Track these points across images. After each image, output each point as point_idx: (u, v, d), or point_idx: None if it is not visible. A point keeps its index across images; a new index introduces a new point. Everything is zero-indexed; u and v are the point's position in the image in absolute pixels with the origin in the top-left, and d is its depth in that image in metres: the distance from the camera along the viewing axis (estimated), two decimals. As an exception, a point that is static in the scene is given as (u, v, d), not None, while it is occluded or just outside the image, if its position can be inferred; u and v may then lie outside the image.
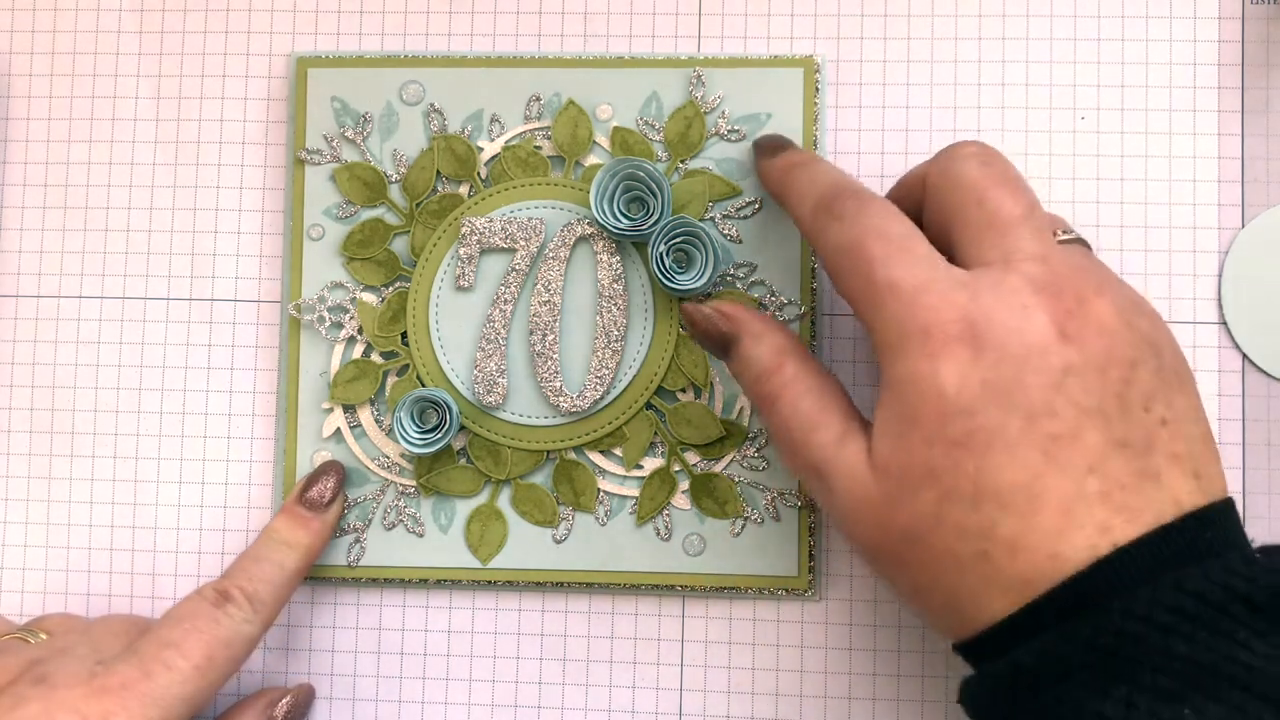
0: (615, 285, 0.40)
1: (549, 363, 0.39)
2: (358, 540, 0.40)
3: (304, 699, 0.39)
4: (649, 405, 0.40)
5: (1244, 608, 0.26)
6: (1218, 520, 0.29)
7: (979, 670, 0.30)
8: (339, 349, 0.41)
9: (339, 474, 0.39)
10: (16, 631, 0.37)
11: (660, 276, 0.39)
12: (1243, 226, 0.40)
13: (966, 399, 0.29)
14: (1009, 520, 0.28)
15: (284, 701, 0.38)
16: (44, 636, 0.37)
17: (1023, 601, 0.28)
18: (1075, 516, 0.28)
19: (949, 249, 0.32)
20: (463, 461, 0.40)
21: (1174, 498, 0.28)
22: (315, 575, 0.40)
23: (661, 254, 0.39)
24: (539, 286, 0.40)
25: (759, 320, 0.35)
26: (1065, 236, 0.32)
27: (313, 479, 0.39)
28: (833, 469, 0.32)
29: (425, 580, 0.40)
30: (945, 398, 0.29)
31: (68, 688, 0.33)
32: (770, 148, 0.38)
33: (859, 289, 0.31)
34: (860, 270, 0.31)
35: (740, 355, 0.35)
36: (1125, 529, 0.28)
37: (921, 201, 0.34)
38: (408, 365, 0.40)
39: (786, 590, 0.39)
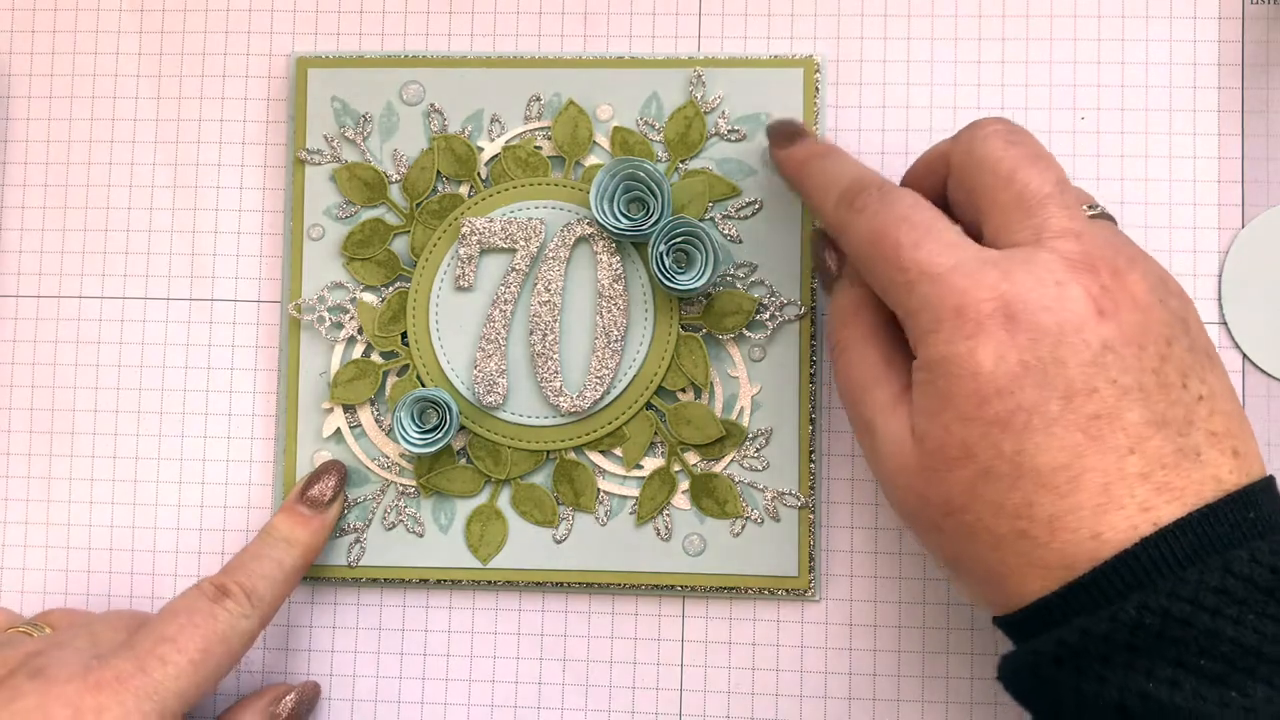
0: (615, 285, 0.40)
1: (549, 363, 0.39)
2: (358, 540, 0.40)
3: (308, 697, 0.39)
4: (649, 405, 0.40)
5: None
6: (1260, 500, 0.28)
7: (1019, 647, 0.30)
8: (339, 349, 0.41)
9: (340, 473, 0.39)
10: (22, 625, 0.37)
11: (660, 276, 0.39)
12: (1243, 226, 0.40)
13: (1003, 379, 0.28)
14: (1048, 500, 0.28)
15: (288, 699, 0.38)
16: (48, 630, 0.37)
17: (1064, 581, 0.28)
18: (1116, 496, 0.27)
19: (977, 229, 0.32)
20: (463, 461, 0.40)
21: (1215, 476, 0.28)
22: (315, 575, 0.40)
23: (661, 254, 0.39)
24: (539, 286, 0.40)
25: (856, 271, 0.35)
26: (1093, 212, 0.32)
27: (314, 478, 0.39)
28: (881, 430, 0.32)
29: (425, 580, 0.40)
30: (981, 377, 0.29)
31: (64, 682, 0.33)
32: (785, 135, 0.37)
33: (889, 276, 0.31)
34: (888, 257, 0.31)
35: (834, 293, 0.35)
36: (1167, 509, 0.27)
37: (944, 180, 0.33)
38: (408, 365, 0.40)
39: (786, 590, 0.39)
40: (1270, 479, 0.29)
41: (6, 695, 0.32)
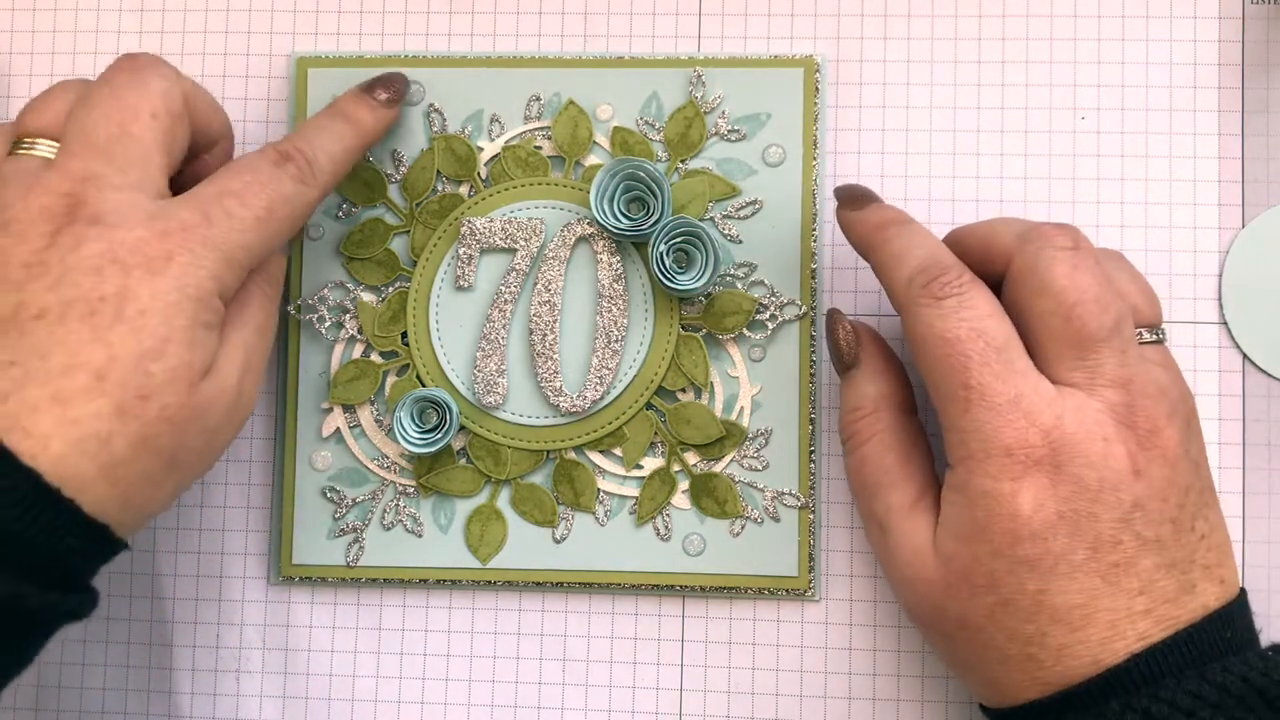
0: (615, 285, 0.40)
1: (549, 363, 0.39)
2: (357, 540, 0.40)
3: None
4: (649, 405, 0.40)
5: (1259, 700, 0.29)
6: (1236, 618, 0.31)
7: None
8: (339, 349, 0.41)
9: (401, 81, 0.39)
10: (10, 140, 0.34)
11: (660, 276, 0.39)
12: (1243, 226, 0.40)
13: (1040, 524, 0.30)
14: (1060, 633, 0.30)
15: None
16: (46, 144, 0.34)
17: (1056, 691, 0.30)
18: (1121, 630, 0.30)
19: (1027, 341, 0.32)
20: (463, 461, 0.40)
21: (1204, 604, 0.31)
22: (315, 575, 0.40)
23: (661, 254, 0.39)
24: (539, 286, 0.40)
25: (883, 359, 0.36)
26: (1149, 339, 0.33)
27: (373, 82, 0.39)
28: (896, 533, 0.34)
29: (425, 580, 0.40)
30: (1019, 519, 0.30)
31: (127, 228, 0.31)
32: (854, 199, 0.36)
33: (950, 388, 0.32)
34: (955, 368, 0.31)
35: (850, 383, 0.36)
36: (1159, 634, 0.30)
37: (1000, 270, 0.33)
38: (408, 365, 0.40)
39: (786, 590, 0.39)
40: (1242, 593, 0.32)
41: (70, 241, 0.31)
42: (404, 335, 0.40)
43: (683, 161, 0.40)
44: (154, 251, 0.31)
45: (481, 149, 0.41)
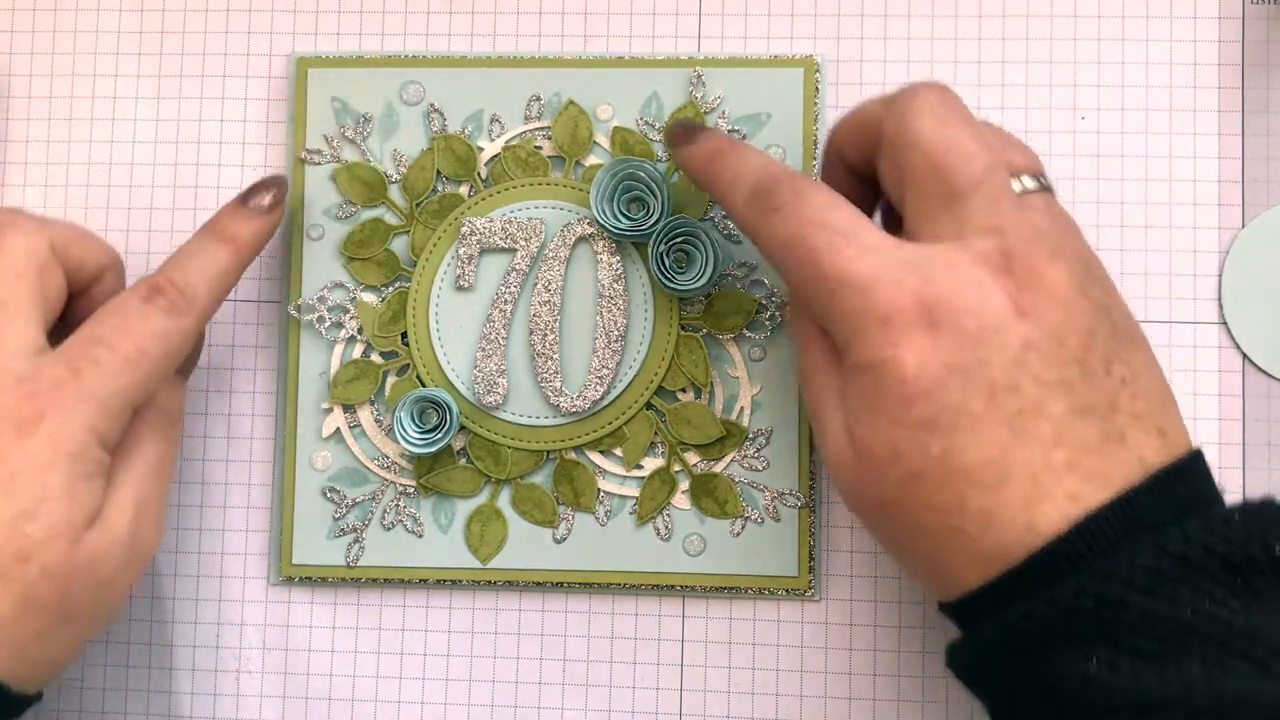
0: (615, 285, 0.40)
1: (549, 363, 0.39)
2: (357, 540, 0.40)
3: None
4: (649, 405, 0.40)
5: (1222, 568, 0.27)
6: (1187, 476, 0.29)
7: (965, 635, 0.30)
8: (339, 349, 0.41)
9: (281, 185, 0.38)
10: None
11: (660, 276, 0.39)
12: (1243, 226, 0.40)
13: (927, 382, 0.29)
14: (978, 495, 0.28)
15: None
16: None
17: (1001, 571, 0.28)
18: (1044, 487, 0.28)
19: (902, 206, 0.32)
20: (463, 461, 0.40)
21: (1139, 457, 0.29)
22: (315, 575, 0.40)
23: (661, 254, 0.39)
24: (539, 286, 0.40)
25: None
26: (1029, 186, 0.31)
27: (255, 187, 0.38)
28: (826, 423, 0.32)
29: (425, 580, 0.40)
30: (906, 382, 0.29)
31: None
32: (684, 133, 0.37)
33: (810, 283, 0.31)
34: (808, 264, 0.31)
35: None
36: (1096, 494, 0.28)
37: (874, 145, 0.33)
38: (408, 365, 0.40)
39: (786, 590, 0.39)
40: (1197, 453, 0.30)
41: None
42: (404, 335, 0.40)
43: (683, 161, 0.40)
44: (24, 414, 0.31)
45: (481, 149, 0.41)
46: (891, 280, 0.29)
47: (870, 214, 0.36)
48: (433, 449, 0.39)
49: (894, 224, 0.32)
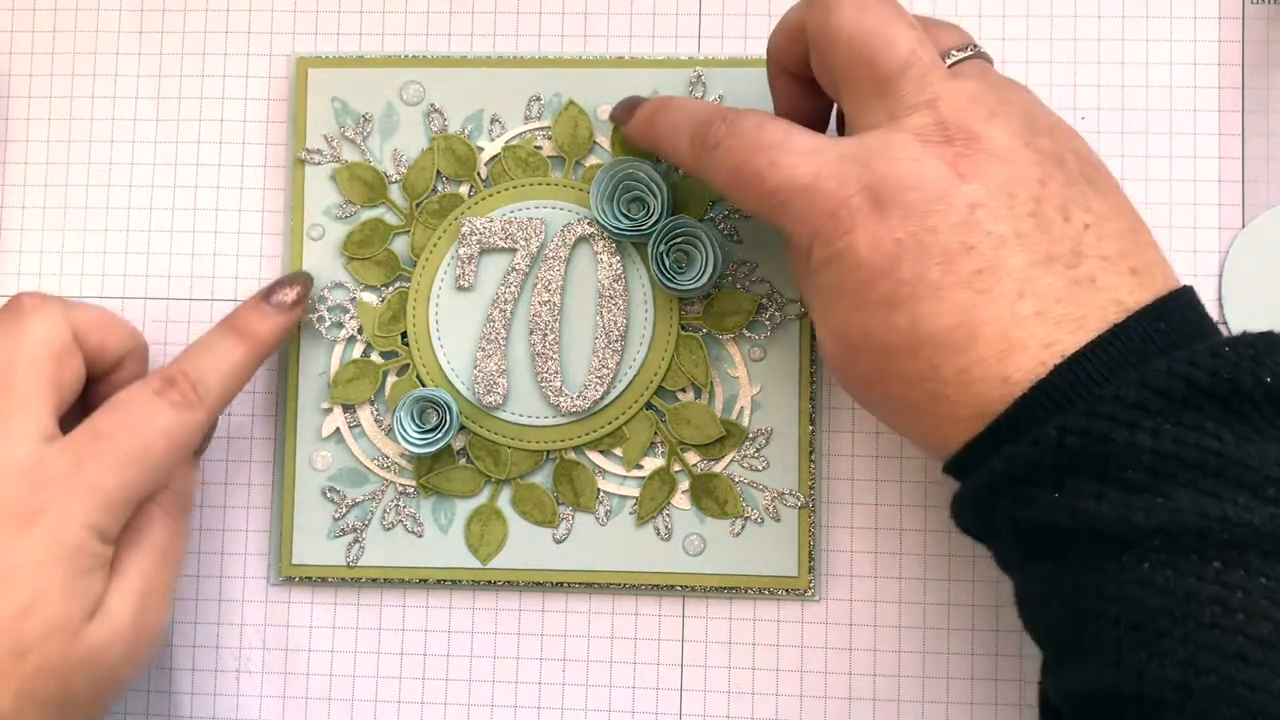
0: (615, 285, 0.40)
1: (549, 363, 0.39)
2: (357, 540, 0.40)
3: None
4: (649, 405, 0.40)
5: (1210, 401, 0.27)
6: (1171, 312, 0.29)
7: (961, 487, 0.31)
8: (339, 349, 0.41)
9: (306, 283, 0.39)
10: None
11: (660, 276, 0.39)
12: (1243, 226, 0.40)
13: (881, 261, 0.29)
14: (950, 359, 0.29)
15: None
16: None
17: (983, 426, 0.29)
18: (1016, 339, 0.28)
19: (840, 102, 0.32)
20: (463, 461, 0.40)
21: (1115, 299, 0.29)
22: (315, 575, 0.40)
23: (661, 254, 0.39)
24: (539, 286, 0.40)
25: None
26: (959, 56, 0.32)
27: (279, 283, 0.38)
28: (813, 321, 0.33)
29: (425, 580, 0.40)
30: (862, 265, 0.30)
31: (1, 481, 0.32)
32: (624, 110, 0.38)
33: (760, 203, 0.32)
34: (754, 186, 0.31)
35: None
36: (1071, 339, 0.28)
37: (805, 48, 0.33)
38: (408, 365, 0.40)
39: (786, 590, 0.39)
40: (1184, 290, 0.30)
41: None
42: (404, 335, 0.40)
43: (683, 161, 0.40)
44: (24, 507, 0.31)
45: (481, 149, 0.41)
46: (831, 175, 0.30)
47: (828, 117, 0.37)
48: (433, 449, 0.39)
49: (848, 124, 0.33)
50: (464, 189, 0.41)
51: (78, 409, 0.35)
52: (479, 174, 0.41)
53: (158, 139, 0.42)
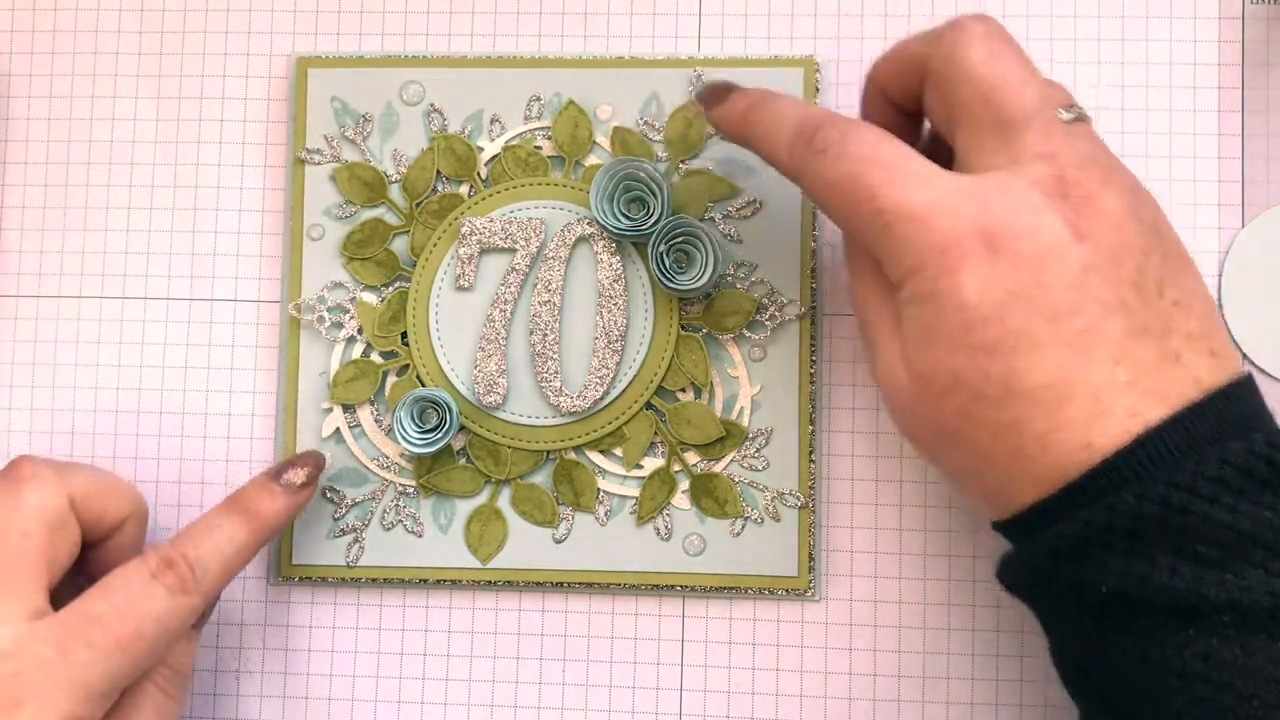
0: (615, 285, 0.40)
1: (549, 363, 0.39)
2: (357, 540, 0.40)
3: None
4: (649, 405, 0.40)
5: None
6: (1242, 396, 0.29)
7: (1021, 545, 0.31)
8: (339, 349, 0.41)
9: (317, 464, 0.38)
10: None
11: (660, 276, 0.39)
12: (1243, 226, 0.40)
13: (989, 308, 0.29)
14: (1039, 417, 0.29)
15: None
16: None
17: (1057, 488, 0.29)
18: (1105, 405, 0.28)
19: (953, 139, 0.32)
20: (463, 461, 0.40)
21: (1194, 377, 0.29)
22: (315, 575, 0.40)
23: (661, 254, 0.39)
24: (539, 286, 0.40)
25: None
26: (1069, 115, 0.32)
27: (290, 462, 0.38)
28: (881, 350, 0.32)
29: (425, 580, 0.40)
30: (967, 308, 0.29)
31: None
32: (717, 95, 0.36)
33: (863, 220, 0.31)
34: (860, 201, 0.31)
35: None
36: (1154, 411, 0.28)
37: (920, 81, 0.33)
38: (408, 365, 0.40)
39: (786, 590, 0.39)
40: (1248, 376, 0.30)
41: None
42: (404, 335, 0.40)
43: (683, 161, 0.40)
44: (4, 695, 0.31)
45: (481, 149, 0.41)
46: (948, 210, 0.29)
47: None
48: (433, 449, 0.39)
49: (938, 160, 0.32)
50: (464, 189, 0.41)
51: (72, 572, 0.35)
52: (479, 174, 0.41)
53: (158, 139, 0.42)
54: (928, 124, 0.35)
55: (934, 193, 0.30)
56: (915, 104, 0.34)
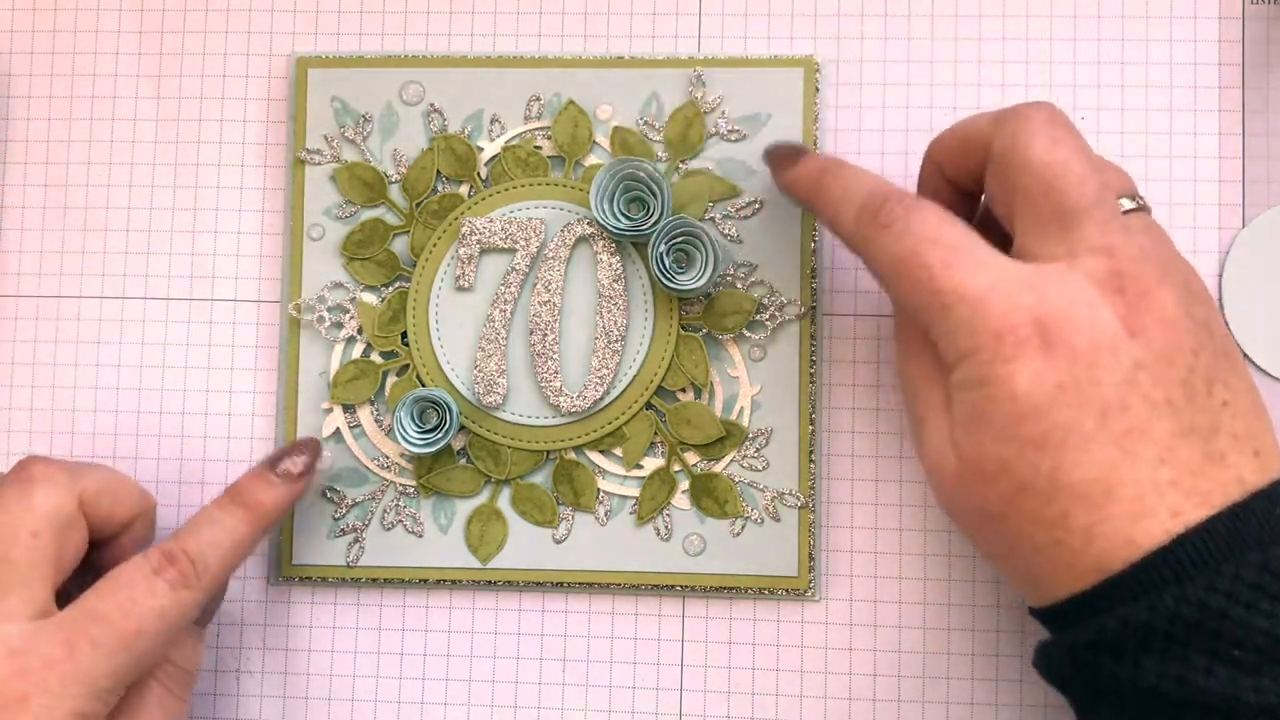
0: (615, 285, 0.40)
1: (549, 363, 0.39)
2: (357, 540, 0.40)
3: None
4: (649, 405, 0.40)
5: None
6: None
7: (1058, 636, 0.31)
8: (339, 349, 0.41)
9: (314, 451, 0.38)
10: None
11: (660, 276, 0.39)
12: (1243, 226, 0.40)
13: (1040, 399, 0.29)
14: (1083, 511, 0.29)
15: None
16: None
17: (1099, 580, 0.29)
18: (1149, 505, 0.29)
19: (1009, 221, 0.32)
20: (463, 461, 0.40)
21: (1238, 477, 0.29)
22: (315, 575, 0.40)
23: (661, 254, 0.39)
24: (539, 286, 0.40)
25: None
26: (1130, 205, 0.32)
27: (287, 450, 0.37)
28: (929, 430, 0.32)
29: (425, 580, 0.40)
30: (1018, 399, 0.29)
31: None
32: (786, 156, 0.37)
33: (921, 298, 0.31)
34: (920, 279, 0.31)
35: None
36: (1196, 511, 0.29)
37: (980, 161, 0.33)
38: (408, 365, 0.40)
39: (786, 590, 0.39)
40: None
41: None
42: (404, 335, 0.40)
43: (683, 161, 0.40)
44: (10, 692, 0.31)
45: (481, 149, 0.41)
46: (1006, 296, 0.30)
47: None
48: (433, 449, 0.39)
49: (990, 238, 0.32)
50: (464, 189, 0.41)
51: (79, 568, 0.35)
52: (479, 174, 0.41)
53: (158, 139, 0.42)
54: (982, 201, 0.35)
55: (993, 278, 0.30)
56: (971, 183, 0.34)
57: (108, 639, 0.32)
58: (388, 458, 0.40)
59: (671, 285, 0.39)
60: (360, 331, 0.40)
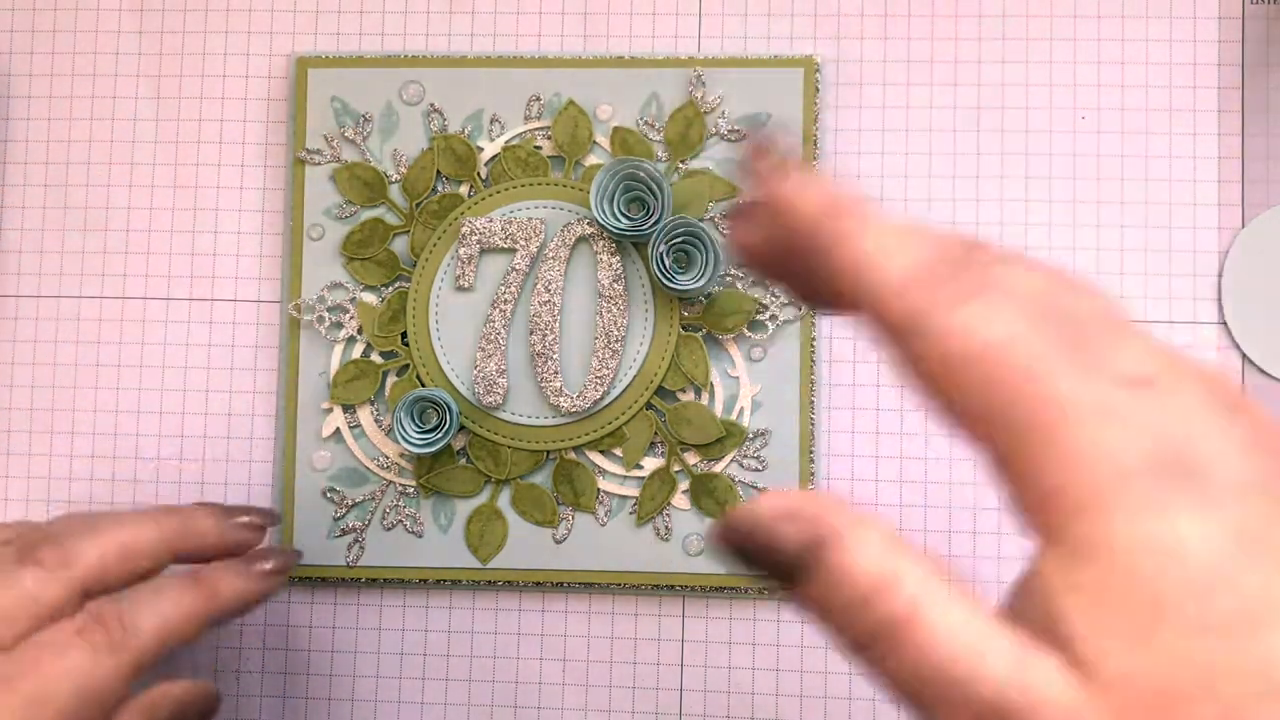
0: (615, 285, 0.40)
1: (549, 363, 0.39)
2: (358, 540, 0.40)
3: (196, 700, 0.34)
4: (649, 405, 0.40)
5: None
6: None
7: None
8: (339, 349, 0.41)
9: (290, 558, 0.37)
10: None
11: (660, 276, 0.39)
12: (1243, 226, 0.40)
13: (1218, 561, 0.19)
14: None
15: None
16: None
17: None
18: None
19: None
20: (463, 461, 0.40)
21: None
22: (315, 575, 0.40)
23: (661, 254, 0.39)
24: (539, 286, 0.40)
25: (847, 511, 0.21)
26: None
27: (264, 551, 0.36)
28: (1025, 703, 0.19)
29: (425, 580, 0.40)
30: (1189, 565, 0.19)
31: None
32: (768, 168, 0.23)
33: (1018, 415, 0.20)
34: (1020, 382, 0.19)
35: (828, 571, 0.21)
36: None
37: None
38: (408, 365, 0.40)
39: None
40: None
41: None
42: (404, 335, 0.40)
43: (683, 161, 0.40)
44: None
45: (481, 149, 0.41)
46: (1132, 413, 0.19)
47: None
48: (433, 449, 0.39)
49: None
50: (464, 189, 0.41)
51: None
52: (479, 174, 0.41)
53: (158, 139, 0.42)
54: None
55: (1113, 388, 0.19)
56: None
57: (9, 703, 0.30)
58: (388, 458, 0.40)
59: (671, 285, 0.39)
60: (360, 331, 0.40)
